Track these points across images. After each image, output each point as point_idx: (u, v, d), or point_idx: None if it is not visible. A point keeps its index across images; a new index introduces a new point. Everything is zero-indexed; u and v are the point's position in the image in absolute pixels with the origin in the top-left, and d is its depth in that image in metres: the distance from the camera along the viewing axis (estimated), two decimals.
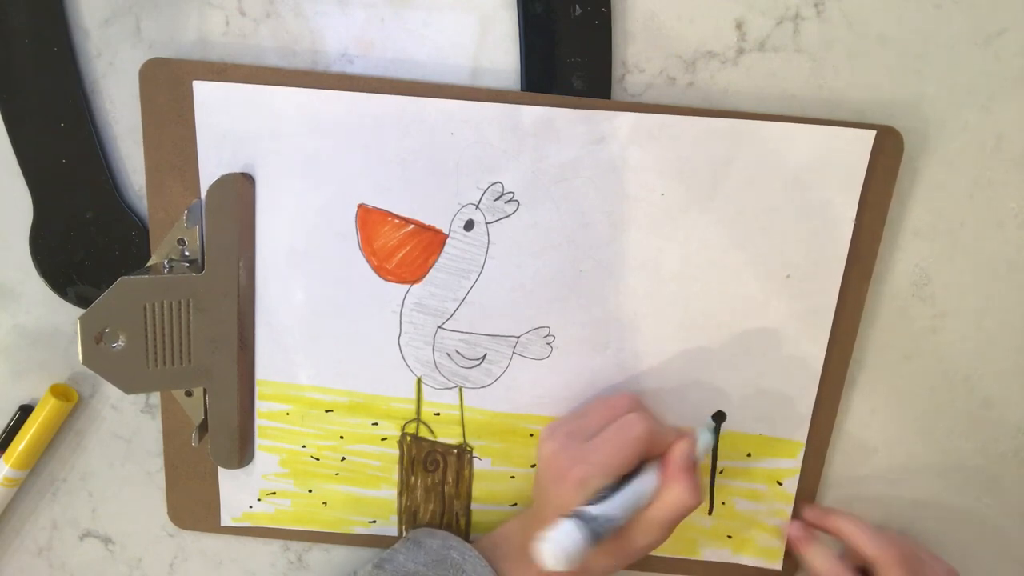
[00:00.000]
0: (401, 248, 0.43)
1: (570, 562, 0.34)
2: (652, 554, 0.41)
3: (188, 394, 0.44)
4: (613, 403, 0.42)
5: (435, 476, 0.47)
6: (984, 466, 0.48)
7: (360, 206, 0.42)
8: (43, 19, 0.40)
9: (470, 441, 0.47)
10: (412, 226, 0.42)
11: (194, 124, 0.41)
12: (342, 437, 0.46)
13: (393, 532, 0.49)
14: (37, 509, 0.50)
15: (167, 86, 0.40)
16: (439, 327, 0.44)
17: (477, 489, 0.48)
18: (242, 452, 0.46)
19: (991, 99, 0.41)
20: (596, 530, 0.35)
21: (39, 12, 0.40)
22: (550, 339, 0.44)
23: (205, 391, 0.44)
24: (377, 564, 0.44)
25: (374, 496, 0.48)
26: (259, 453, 0.47)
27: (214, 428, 0.45)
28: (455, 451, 0.47)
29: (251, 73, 0.40)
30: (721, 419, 0.45)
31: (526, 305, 0.44)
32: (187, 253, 0.42)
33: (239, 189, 0.41)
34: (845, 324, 0.44)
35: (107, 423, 0.48)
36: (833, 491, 0.48)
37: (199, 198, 0.42)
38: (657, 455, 0.40)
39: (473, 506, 0.48)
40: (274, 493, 0.48)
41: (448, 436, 0.46)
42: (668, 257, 0.43)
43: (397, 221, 0.42)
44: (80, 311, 0.41)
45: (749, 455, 0.47)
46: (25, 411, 0.47)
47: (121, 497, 0.50)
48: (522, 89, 0.41)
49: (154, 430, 0.48)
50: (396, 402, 0.46)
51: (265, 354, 0.45)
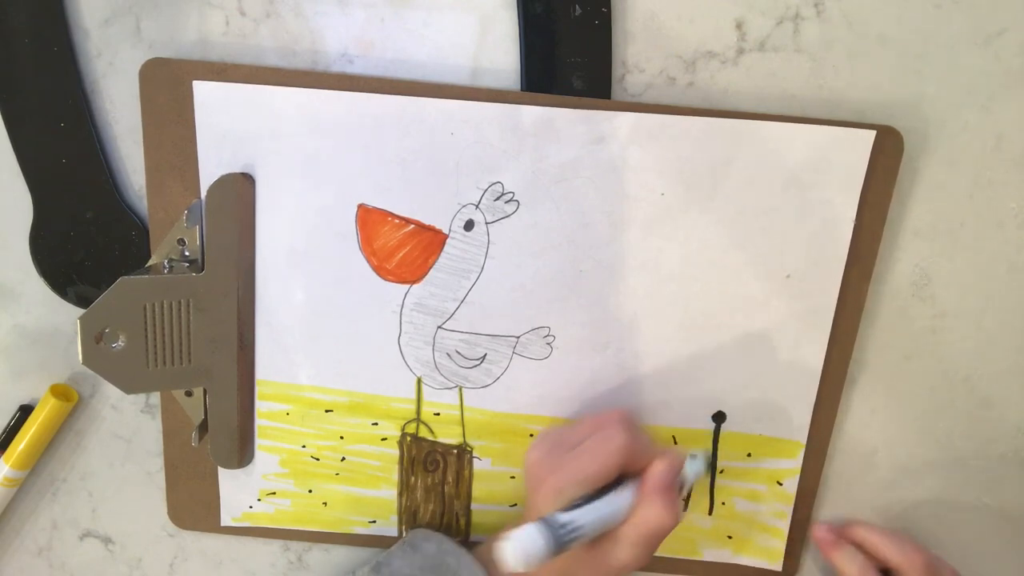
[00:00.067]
0: (401, 248, 0.43)
1: (529, 565, 0.35)
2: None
3: (188, 394, 0.44)
4: (603, 417, 0.41)
5: (435, 476, 0.47)
6: (984, 466, 0.48)
7: (360, 206, 0.42)
8: (43, 19, 0.40)
9: (470, 441, 0.47)
10: (412, 226, 0.42)
11: (194, 124, 0.41)
12: (342, 437, 0.46)
13: (393, 532, 0.49)
14: (37, 509, 0.50)
15: (167, 86, 0.40)
16: (439, 327, 0.44)
17: (477, 489, 0.48)
18: (242, 452, 0.46)
19: (991, 99, 0.41)
20: (561, 537, 0.35)
21: (39, 12, 0.40)
22: (550, 339, 0.44)
23: (205, 391, 0.44)
24: (374, 568, 0.44)
25: (374, 496, 0.48)
26: (259, 453, 0.47)
27: (214, 428, 0.45)
28: (455, 451, 0.47)
29: (251, 73, 0.40)
30: (721, 419, 0.45)
31: (526, 305, 0.44)
32: (187, 253, 0.42)
33: (239, 189, 0.41)
34: (845, 324, 0.44)
35: (107, 423, 0.48)
36: (833, 491, 0.48)
37: (199, 198, 0.42)
38: (640, 471, 0.39)
39: (473, 506, 0.48)
40: (274, 493, 0.48)
41: (448, 436, 0.46)
42: (668, 257, 0.43)
43: (397, 221, 0.42)
44: (80, 311, 0.41)
45: (749, 455, 0.47)
46: (25, 411, 0.47)
47: (121, 497, 0.50)
48: (522, 89, 0.41)
49: (154, 430, 0.48)
50: (396, 402, 0.46)
51: (265, 354, 0.45)
